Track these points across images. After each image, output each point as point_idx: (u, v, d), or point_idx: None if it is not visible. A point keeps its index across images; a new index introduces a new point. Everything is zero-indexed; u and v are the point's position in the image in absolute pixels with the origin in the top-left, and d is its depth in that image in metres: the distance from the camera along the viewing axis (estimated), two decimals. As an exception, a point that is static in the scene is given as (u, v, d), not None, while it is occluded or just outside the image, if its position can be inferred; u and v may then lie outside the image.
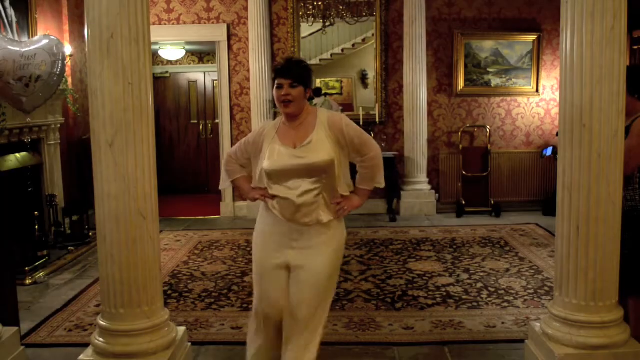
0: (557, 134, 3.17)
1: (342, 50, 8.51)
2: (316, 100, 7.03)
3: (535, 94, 7.77)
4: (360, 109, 7.52)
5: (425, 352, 3.62)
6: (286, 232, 2.77)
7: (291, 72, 2.73)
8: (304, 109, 2.78)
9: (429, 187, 7.62)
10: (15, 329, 3.38)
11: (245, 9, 7.54)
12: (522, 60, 7.70)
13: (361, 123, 7.22)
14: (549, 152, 3.69)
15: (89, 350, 3.06)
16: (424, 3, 7.33)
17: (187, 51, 9.48)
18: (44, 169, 6.28)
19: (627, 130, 3.04)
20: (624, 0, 2.81)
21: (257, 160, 2.84)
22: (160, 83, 9.68)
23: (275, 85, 2.75)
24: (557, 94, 7.31)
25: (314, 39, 7.99)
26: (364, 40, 8.29)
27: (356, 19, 7.68)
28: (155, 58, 9.31)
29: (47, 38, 5.47)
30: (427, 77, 7.53)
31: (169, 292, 4.77)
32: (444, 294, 4.62)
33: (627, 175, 3.05)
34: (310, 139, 2.72)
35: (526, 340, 3.38)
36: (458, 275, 5.05)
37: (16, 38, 5.60)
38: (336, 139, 2.74)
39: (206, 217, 7.77)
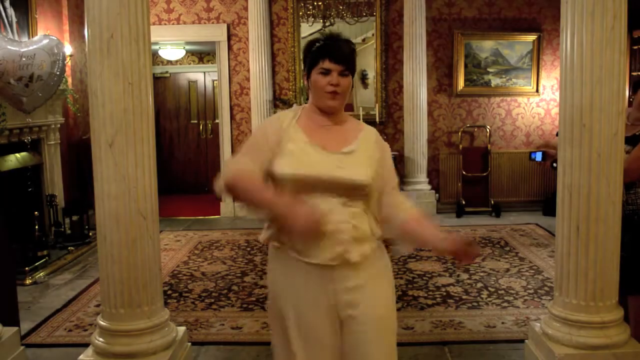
0: (557, 134, 3.16)
1: (342, 50, 8.49)
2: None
3: (535, 94, 7.77)
4: (360, 109, 7.51)
5: (425, 352, 3.62)
6: (324, 274, 2.00)
7: (345, 56, 2.04)
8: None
9: (429, 187, 7.62)
10: (15, 329, 3.38)
11: (245, 9, 7.54)
12: (522, 60, 7.70)
13: (361, 123, 7.21)
14: (538, 157, 3.43)
15: (89, 350, 3.06)
16: (424, 3, 7.32)
17: (187, 51, 9.47)
18: (44, 169, 6.28)
19: (637, 138, 3.01)
20: (624, 0, 2.81)
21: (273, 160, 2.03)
22: (160, 83, 9.68)
23: (320, 70, 2.03)
24: (557, 94, 7.30)
25: (314, 39, 7.97)
26: (364, 40, 8.28)
27: (356, 19, 7.67)
28: (155, 58, 9.31)
29: (47, 38, 5.47)
30: (427, 77, 7.52)
31: (169, 292, 4.77)
32: (444, 294, 4.62)
33: (633, 180, 3.02)
34: (352, 148, 2.04)
35: (526, 340, 3.38)
36: (458, 275, 5.05)
37: (16, 38, 5.60)
38: (379, 161, 2.09)
39: (206, 217, 7.77)
